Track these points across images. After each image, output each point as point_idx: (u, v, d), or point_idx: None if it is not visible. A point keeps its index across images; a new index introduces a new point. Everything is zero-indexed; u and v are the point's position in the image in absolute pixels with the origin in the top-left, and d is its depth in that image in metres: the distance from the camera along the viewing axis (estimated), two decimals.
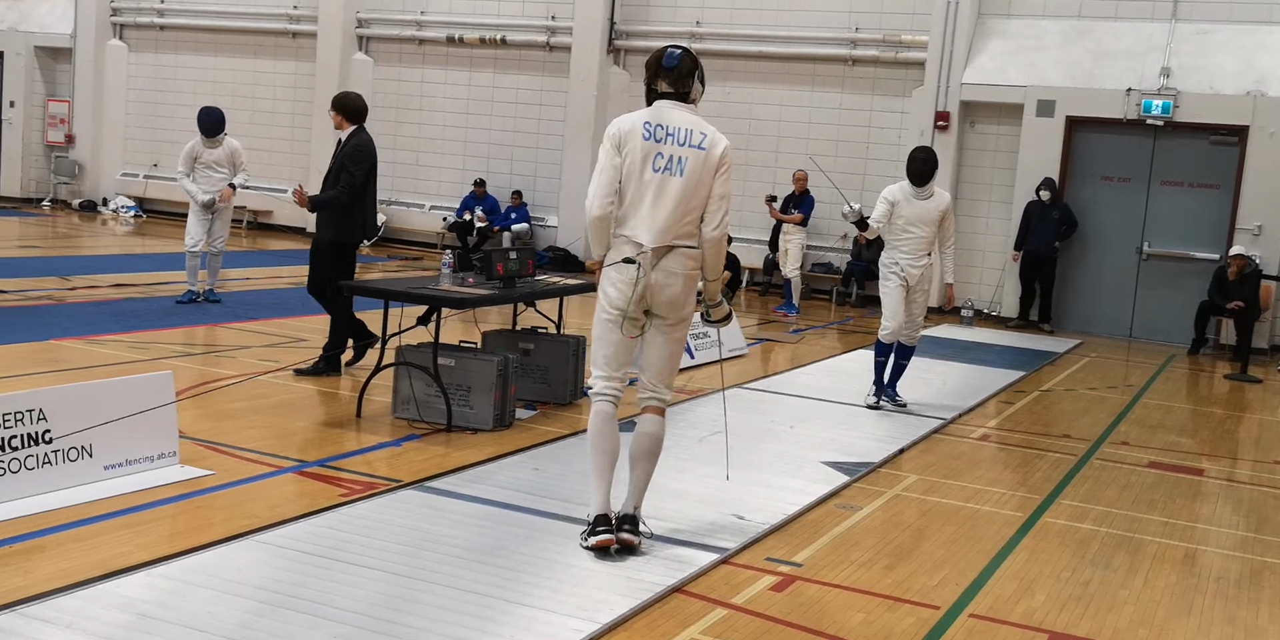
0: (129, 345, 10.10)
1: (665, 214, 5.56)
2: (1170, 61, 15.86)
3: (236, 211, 21.70)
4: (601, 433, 5.68)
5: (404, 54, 21.02)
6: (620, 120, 5.70)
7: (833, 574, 5.73)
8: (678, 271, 5.61)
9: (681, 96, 5.71)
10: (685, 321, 5.78)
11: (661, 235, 5.56)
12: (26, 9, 23.72)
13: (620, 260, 5.58)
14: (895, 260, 9.61)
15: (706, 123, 5.71)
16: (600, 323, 5.68)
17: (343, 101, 9.44)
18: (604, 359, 5.71)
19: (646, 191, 5.56)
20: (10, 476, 5.69)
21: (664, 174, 5.55)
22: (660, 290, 5.60)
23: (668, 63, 5.69)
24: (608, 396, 5.70)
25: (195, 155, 12.38)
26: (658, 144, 5.57)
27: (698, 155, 5.59)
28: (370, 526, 5.83)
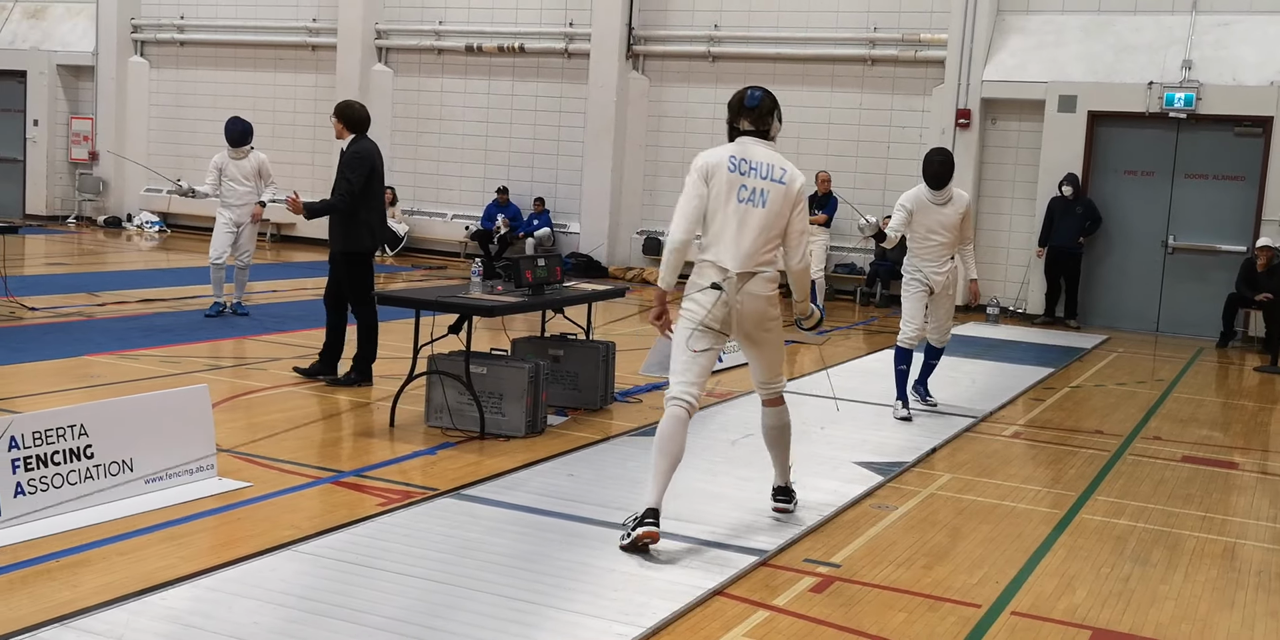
0: (160, 360, 10.16)
1: (749, 242, 5.89)
2: (1192, 54, 15.81)
3: (260, 224, 21.86)
4: (670, 436, 5.86)
5: (423, 64, 21.11)
6: (706, 154, 6.01)
7: (872, 574, 5.74)
8: (760, 293, 5.95)
9: (762, 134, 6.06)
10: (776, 328, 6.11)
11: (745, 262, 5.89)
12: (48, 28, 23.90)
13: (708, 285, 5.90)
14: (918, 267, 9.41)
15: (785, 159, 6.07)
16: (682, 332, 5.96)
17: (344, 110, 9.43)
18: (683, 367, 5.96)
19: (731, 220, 5.90)
20: (54, 491, 5.74)
21: (748, 205, 5.90)
22: (746, 312, 5.93)
23: (749, 103, 6.05)
24: (683, 402, 5.90)
25: (221, 167, 12.42)
26: (742, 177, 5.92)
27: (779, 189, 5.94)
28: (409, 535, 5.86)
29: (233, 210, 12.46)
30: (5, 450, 5.55)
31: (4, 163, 24.22)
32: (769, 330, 6.06)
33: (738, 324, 5.96)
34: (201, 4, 22.78)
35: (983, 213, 17.18)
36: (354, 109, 9.45)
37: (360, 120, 9.39)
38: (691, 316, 5.92)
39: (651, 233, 19.26)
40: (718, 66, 18.91)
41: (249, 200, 12.41)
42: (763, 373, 6.25)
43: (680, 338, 5.97)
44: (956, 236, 9.35)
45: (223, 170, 12.41)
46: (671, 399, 5.93)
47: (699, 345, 5.93)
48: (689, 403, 5.91)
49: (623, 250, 19.57)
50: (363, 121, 9.41)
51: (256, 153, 12.59)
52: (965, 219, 9.39)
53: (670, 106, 19.28)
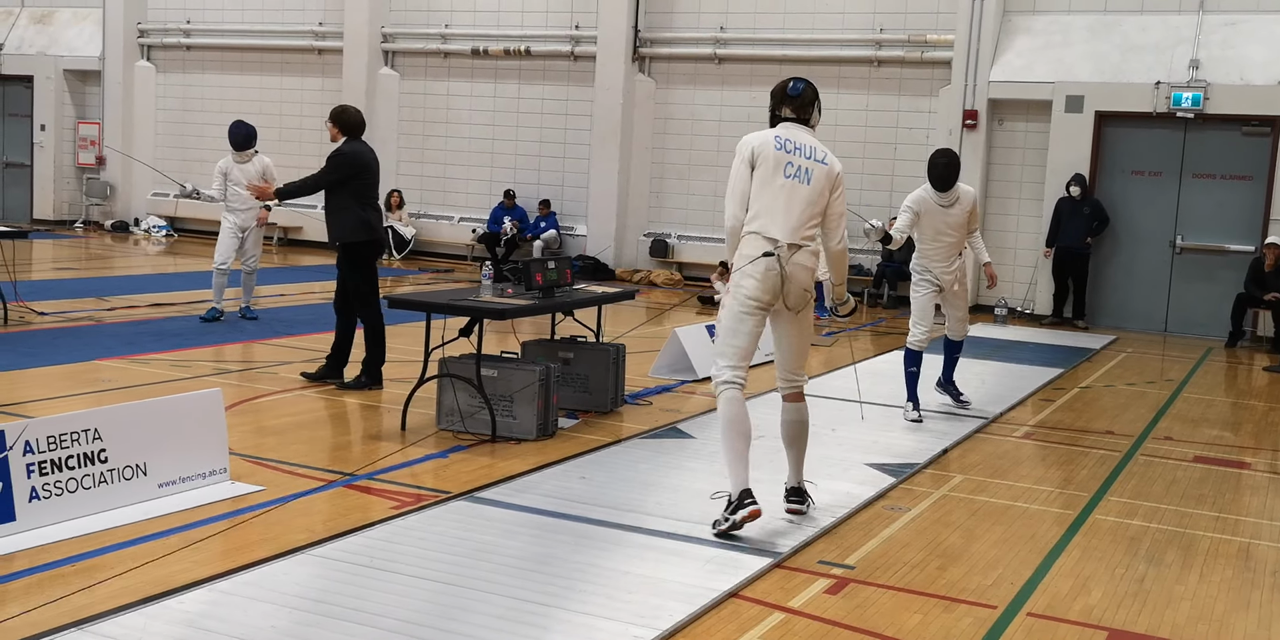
0: (170, 364, 10.17)
1: (796, 215, 6.16)
2: (1199, 53, 15.79)
3: (267, 228, 21.89)
4: (736, 417, 6.07)
5: (429, 67, 21.12)
6: (751, 136, 6.27)
7: (886, 576, 5.73)
8: (806, 265, 6.21)
9: (803, 121, 6.36)
10: (810, 309, 6.38)
11: (793, 233, 6.15)
12: (55, 33, 23.93)
13: (760, 254, 6.10)
14: (927, 267, 9.43)
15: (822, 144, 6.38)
16: (734, 315, 6.16)
17: (340, 115, 9.51)
18: (734, 350, 6.17)
19: (780, 194, 6.15)
20: (69, 496, 5.75)
21: (794, 181, 6.17)
22: (793, 281, 6.16)
23: (792, 92, 6.35)
24: (736, 384, 6.14)
25: (226, 172, 12.39)
26: (788, 154, 6.19)
27: (821, 168, 6.24)
28: (423, 538, 5.86)
29: (237, 215, 12.43)
30: (20, 455, 5.55)
31: (12, 168, 24.27)
32: (806, 306, 6.32)
33: (786, 295, 6.19)
34: (208, 8, 22.81)
35: (990, 213, 17.16)
36: (348, 113, 9.52)
37: (354, 124, 9.47)
38: (742, 293, 6.14)
39: (658, 235, 19.27)
40: (724, 68, 18.91)
41: (254, 204, 12.32)
42: (790, 360, 6.44)
43: (730, 315, 6.17)
44: (964, 236, 9.38)
45: (227, 174, 12.37)
46: (723, 382, 6.13)
47: (745, 324, 6.13)
48: (741, 385, 6.15)
49: (630, 252, 19.57)
50: (357, 126, 9.49)
51: (261, 156, 12.55)
52: (973, 214, 9.39)
53: (676, 109, 19.28)
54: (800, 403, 6.51)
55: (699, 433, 8.47)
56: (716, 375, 6.18)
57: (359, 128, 9.52)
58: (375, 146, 21.83)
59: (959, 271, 9.47)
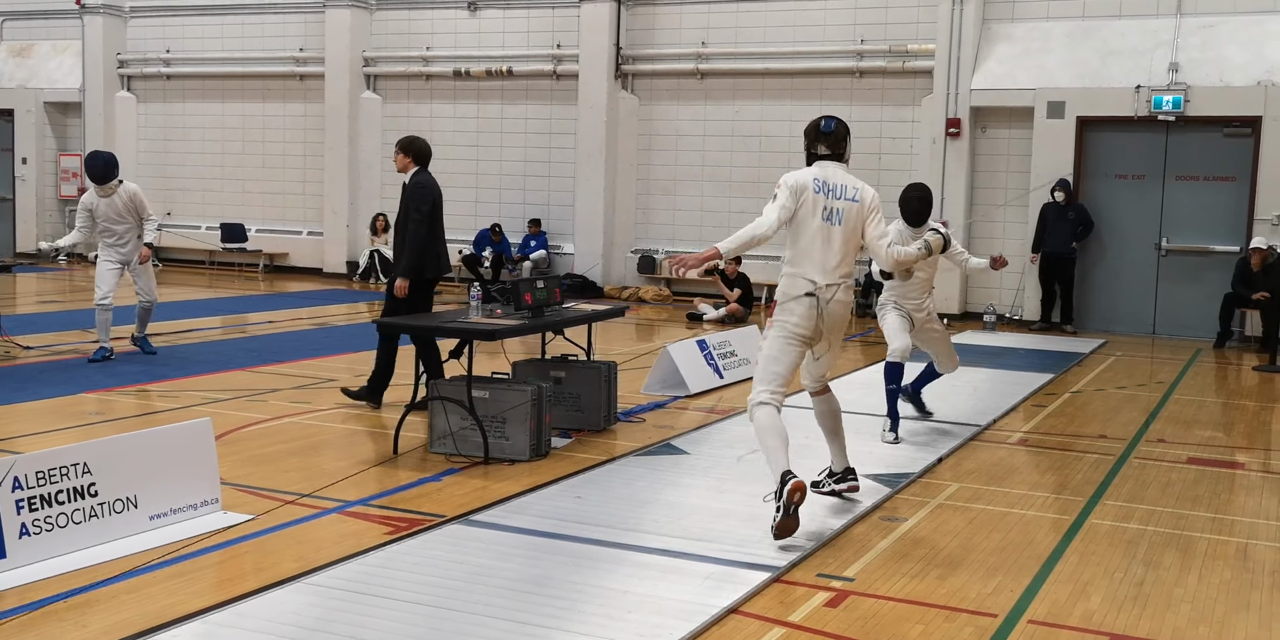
0: (158, 395, 10.13)
1: (834, 257, 6.55)
2: (1178, 56, 15.85)
3: (252, 255, 21.87)
4: (771, 425, 6.41)
5: (412, 90, 21.14)
6: (794, 174, 6.60)
7: (886, 587, 5.70)
8: (844, 300, 6.62)
9: (837, 156, 6.71)
10: (843, 335, 6.81)
11: (830, 274, 6.54)
12: (34, 66, 23.92)
13: (802, 294, 6.52)
14: (897, 302, 9.15)
15: (857, 179, 6.70)
16: (779, 345, 6.56)
17: (410, 144, 9.57)
18: (774, 375, 6.55)
19: (817, 238, 6.52)
20: (59, 531, 5.70)
21: (829, 224, 6.53)
22: (832, 317, 6.57)
23: (825, 129, 6.70)
24: (773, 403, 6.49)
25: (91, 208, 11.55)
26: (825, 197, 6.54)
27: (852, 207, 6.59)
28: (419, 563, 5.82)
29: (115, 251, 11.64)
30: (9, 491, 5.51)
31: None
32: (841, 331, 6.76)
33: (826, 331, 6.60)
34: (187, 37, 22.82)
35: (976, 221, 17.23)
36: (417, 143, 9.60)
37: (424, 153, 9.55)
38: (788, 326, 6.54)
39: (645, 251, 19.27)
40: (706, 83, 18.94)
41: (130, 238, 11.62)
42: (819, 370, 6.92)
43: (773, 345, 6.56)
44: (934, 270, 9.13)
45: (93, 211, 11.53)
46: (759, 403, 6.47)
47: (787, 354, 6.53)
48: (777, 404, 6.50)
49: (618, 270, 19.56)
50: (426, 155, 9.57)
51: (126, 186, 11.67)
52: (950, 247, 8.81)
53: (660, 125, 19.31)
54: (829, 393, 6.98)
55: (693, 448, 8.44)
56: (753, 398, 6.50)
57: (428, 156, 9.59)
58: (359, 171, 22.06)
59: (929, 308, 9.21)
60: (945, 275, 16.90)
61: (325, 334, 14.34)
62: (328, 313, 16.48)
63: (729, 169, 18.70)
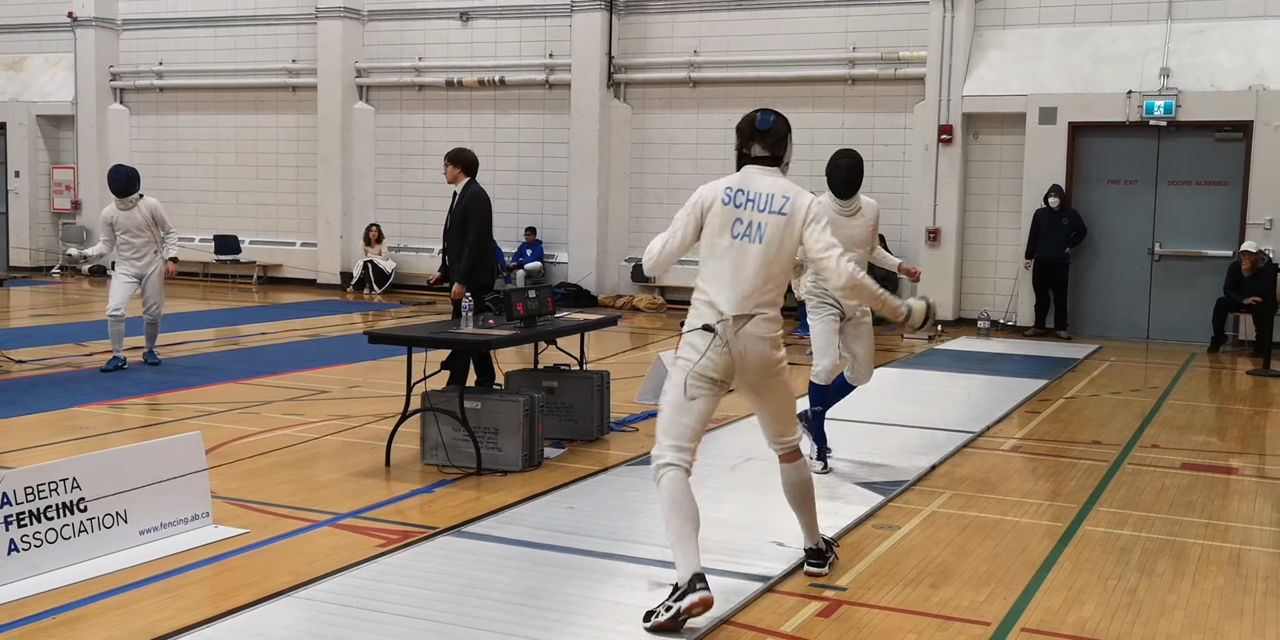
0: (150, 408, 10.12)
1: (746, 282, 5.39)
2: (1169, 61, 15.87)
3: (245, 267, 21.87)
4: (680, 500, 5.29)
5: (404, 101, 21.15)
6: (704, 187, 5.61)
7: (879, 596, 5.69)
8: (762, 335, 5.42)
9: (774, 160, 5.58)
10: (783, 372, 5.58)
11: (741, 303, 5.37)
12: (27, 79, 23.92)
13: (700, 326, 5.41)
14: (825, 289, 7.91)
15: (792, 184, 5.53)
16: (679, 388, 5.39)
17: (459, 156, 9.79)
18: (680, 428, 5.38)
19: (725, 258, 5.42)
20: (48, 547, 5.68)
21: (742, 240, 5.42)
22: (749, 358, 5.40)
23: (761, 125, 5.57)
24: (679, 466, 5.33)
25: (112, 221, 11.75)
26: (737, 209, 5.45)
27: (778, 221, 5.42)
28: (411, 576, 5.80)
29: (131, 264, 11.81)
30: None
31: None
32: (776, 375, 5.54)
33: (740, 373, 5.44)
34: (180, 49, 22.83)
35: (969, 227, 17.24)
36: (466, 154, 9.83)
37: (473, 164, 9.80)
38: (689, 365, 5.38)
39: (639, 259, 19.23)
40: (699, 92, 18.96)
41: (147, 251, 11.81)
42: (773, 424, 5.70)
43: (674, 389, 5.41)
44: (865, 254, 8.04)
45: (114, 224, 11.73)
46: (664, 465, 5.33)
47: (696, 404, 5.39)
48: (685, 466, 5.35)
49: (611, 278, 19.57)
50: (475, 165, 9.83)
51: (146, 200, 11.88)
52: (874, 229, 8.14)
53: (653, 133, 19.33)
54: (799, 461, 5.81)
55: None
56: (657, 456, 5.36)
57: (477, 167, 9.84)
58: (352, 182, 22.12)
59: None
60: (939, 281, 16.97)
61: (318, 345, 14.32)
62: (321, 324, 16.47)
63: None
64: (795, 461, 5.78)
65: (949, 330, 16.56)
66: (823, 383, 8.06)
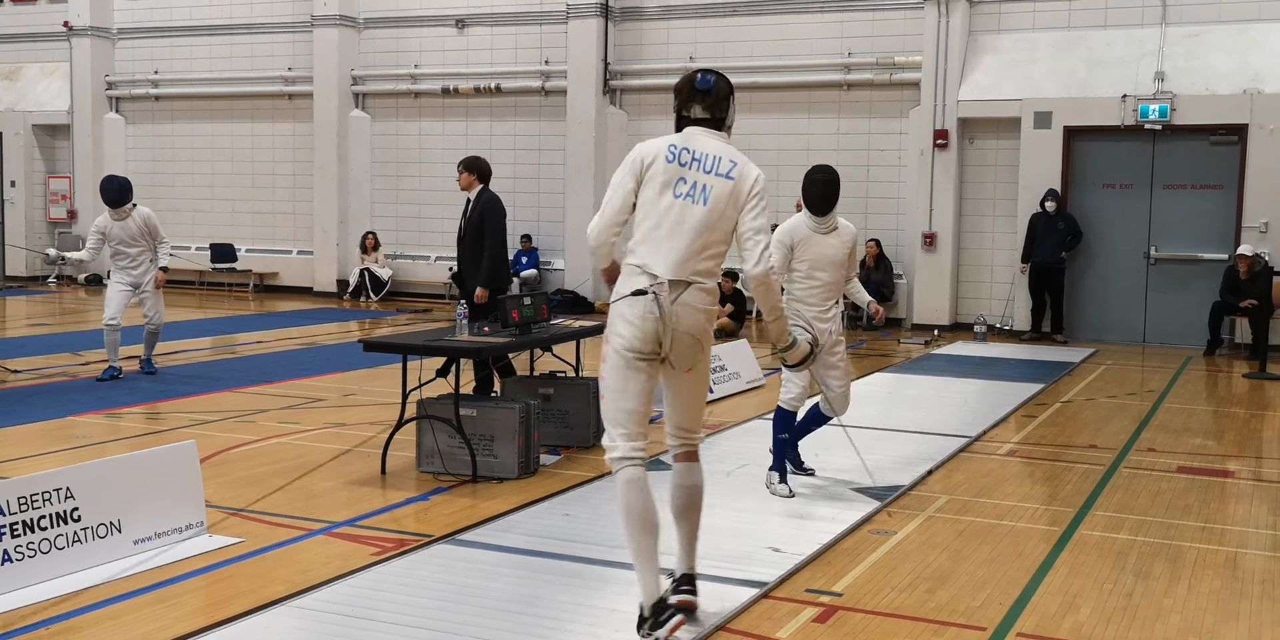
0: (146, 417, 10.11)
1: (684, 244, 5.00)
2: (1164, 65, 15.89)
3: (242, 275, 21.86)
4: (640, 506, 4.97)
5: (400, 108, 21.16)
6: (643, 144, 5.20)
7: (875, 601, 5.68)
8: (696, 305, 5.02)
9: (716, 123, 5.21)
10: (707, 357, 5.23)
11: (678, 268, 4.98)
12: (23, 89, 23.93)
13: (630, 293, 5.00)
14: (798, 312, 7.54)
15: (738, 152, 5.18)
16: (615, 370, 5.05)
17: (474, 164, 10.04)
18: (625, 414, 5.05)
19: (665, 218, 5.02)
20: (41, 558, 5.66)
21: (685, 201, 5.03)
22: (679, 327, 4.98)
23: (701, 85, 5.18)
24: (636, 460, 5.01)
25: (104, 230, 11.75)
26: (682, 168, 5.06)
27: (724, 184, 5.06)
28: (406, 584, 5.79)
29: (127, 273, 11.82)
30: None
31: None
32: (703, 352, 5.14)
33: (670, 344, 5.01)
34: (175, 58, 22.85)
35: (965, 231, 17.25)
36: (481, 162, 10.10)
37: (487, 172, 10.07)
38: (620, 342, 5.02)
39: None
40: None
41: (143, 261, 11.81)
42: (681, 414, 5.27)
43: (612, 372, 5.07)
44: (842, 275, 7.71)
45: (105, 234, 11.75)
46: (618, 459, 5.01)
47: (633, 381, 5.03)
48: (642, 459, 5.02)
49: None
50: (489, 173, 10.10)
51: (140, 209, 11.85)
52: (851, 255, 7.79)
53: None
54: (693, 462, 5.30)
55: None
56: (609, 448, 5.06)
57: (490, 174, 10.09)
58: (349, 189, 22.12)
59: (837, 321, 7.72)
60: (935, 286, 16.98)
61: (314, 353, 14.32)
62: (318, 332, 16.46)
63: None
64: (691, 462, 5.31)
65: (945, 335, 16.58)
66: (790, 409, 7.69)
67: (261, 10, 22.07)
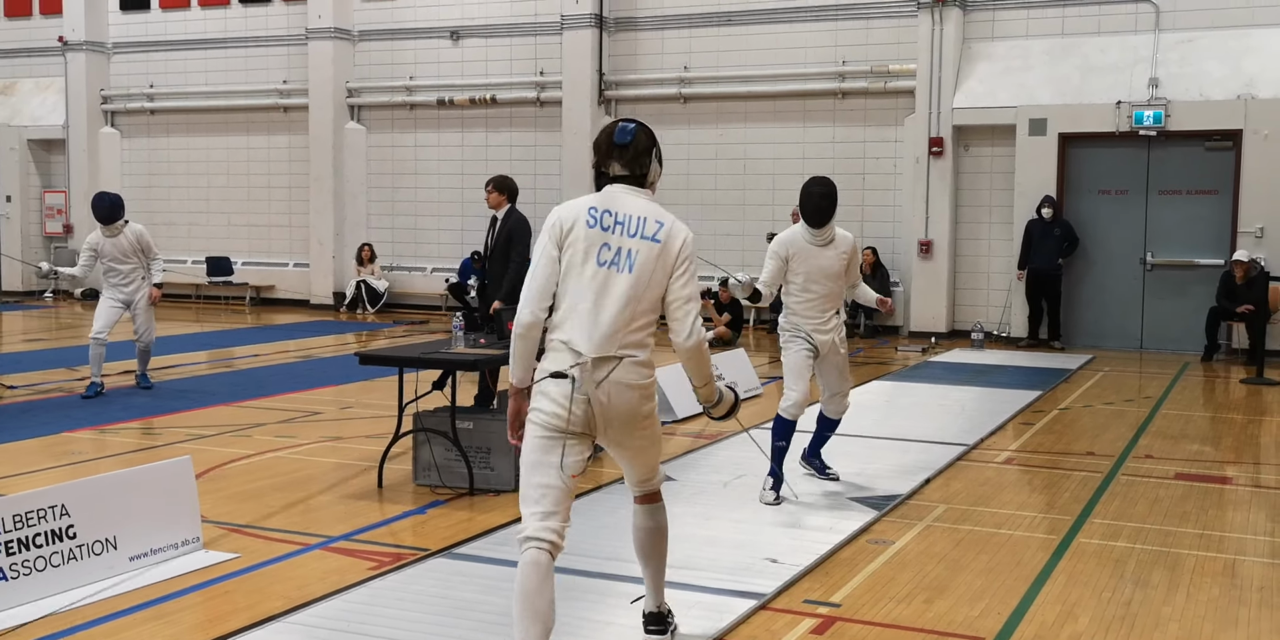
0: (142, 432, 10.09)
1: (610, 317, 4.59)
2: (1158, 71, 15.91)
3: (238, 288, 21.86)
4: (535, 591, 4.54)
5: (396, 120, 21.18)
6: (560, 208, 4.77)
7: (873, 612, 5.67)
8: (630, 383, 4.63)
9: (637, 179, 4.81)
10: (653, 426, 4.84)
11: (604, 343, 4.58)
12: (17, 103, 23.94)
13: (550, 374, 4.61)
14: (796, 325, 7.68)
15: (665, 210, 4.79)
16: (534, 445, 4.65)
17: (503, 183, 10.11)
18: (540, 491, 4.63)
19: (588, 289, 4.60)
20: (37, 575, 5.65)
21: (609, 269, 4.62)
22: (612, 409, 4.63)
23: (620, 140, 4.76)
24: (543, 543, 4.59)
25: (96, 247, 11.77)
26: (605, 233, 4.64)
27: (651, 248, 4.66)
28: (402, 598, 5.78)
29: (119, 290, 11.82)
30: None
31: None
32: (645, 429, 4.77)
33: (604, 426, 4.65)
34: (170, 72, 22.86)
35: (961, 239, 17.26)
36: (509, 182, 10.18)
37: (515, 191, 10.14)
38: (540, 418, 4.63)
39: None
40: (689, 108, 18.99)
41: (134, 278, 11.82)
42: (637, 473, 4.99)
43: (531, 447, 4.66)
44: (840, 286, 7.75)
45: (98, 251, 11.76)
46: (525, 539, 4.60)
47: (552, 455, 4.61)
48: (552, 542, 4.60)
49: None
50: (516, 191, 10.14)
51: (132, 226, 11.88)
52: (851, 264, 7.83)
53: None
54: (656, 503, 5.08)
55: (679, 475, 8.40)
56: (520, 528, 4.68)
57: (518, 192, 10.14)
58: (344, 201, 22.12)
59: (837, 332, 7.78)
60: (932, 293, 16.98)
61: (311, 366, 14.30)
62: (314, 345, 16.45)
63: (714, 192, 18.72)
64: (652, 504, 5.08)
65: (942, 342, 16.57)
66: (790, 417, 7.69)
67: (256, 23, 22.10)
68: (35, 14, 24.04)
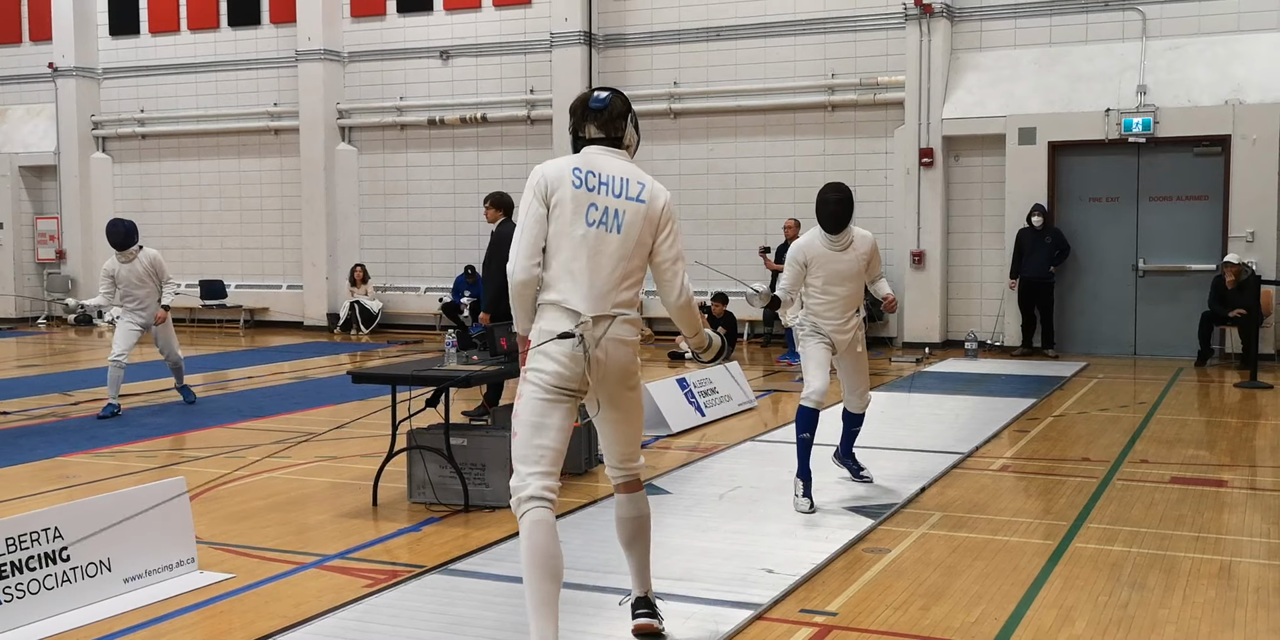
0: (137, 455, 10.07)
1: (604, 276, 4.77)
2: (1146, 78, 15.97)
3: (232, 311, 21.86)
4: (543, 551, 4.67)
5: (387, 140, 21.22)
6: (544, 166, 4.89)
7: (870, 620, 5.66)
8: (624, 339, 4.85)
9: (614, 142, 4.99)
10: (639, 386, 5.06)
11: (600, 302, 4.76)
12: (9, 130, 23.98)
13: (557, 335, 4.73)
14: (816, 325, 7.89)
15: (643, 172, 4.98)
16: (535, 408, 4.78)
17: (499, 198, 10.65)
18: (539, 453, 4.78)
19: (580, 250, 4.75)
20: (30, 598, 5.62)
21: (599, 229, 4.77)
22: (610, 365, 4.82)
23: (595, 105, 4.95)
24: (545, 502, 4.73)
25: (113, 273, 11.98)
26: (590, 193, 4.78)
27: (637, 208, 4.84)
28: (398, 615, 5.76)
29: (136, 314, 12.05)
30: None
31: None
32: (632, 388, 4.97)
33: (599, 381, 4.83)
34: (161, 97, 22.91)
35: (953, 249, 17.29)
36: (506, 197, 10.63)
37: (512, 206, 10.41)
38: (541, 378, 4.77)
39: None
40: (680, 123, 19.04)
41: (150, 302, 12.05)
42: (620, 446, 5.09)
43: (529, 408, 4.79)
44: (858, 287, 7.91)
45: (115, 276, 11.97)
46: (526, 499, 4.72)
47: (551, 417, 4.78)
48: (550, 501, 4.76)
49: None
50: (513, 206, 10.36)
51: (146, 251, 12.09)
52: (873, 262, 7.98)
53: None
54: (637, 492, 5.15)
55: (675, 488, 8.40)
56: (517, 488, 4.77)
57: (513, 207, 10.26)
58: (336, 222, 22.15)
59: (856, 331, 7.99)
60: (924, 304, 17.00)
61: (305, 387, 14.29)
62: (309, 366, 16.44)
63: (705, 207, 18.75)
64: (634, 493, 5.15)
65: (936, 352, 16.59)
66: (813, 405, 7.76)
67: (246, 47, 22.16)
68: (25, 41, 24.12)
